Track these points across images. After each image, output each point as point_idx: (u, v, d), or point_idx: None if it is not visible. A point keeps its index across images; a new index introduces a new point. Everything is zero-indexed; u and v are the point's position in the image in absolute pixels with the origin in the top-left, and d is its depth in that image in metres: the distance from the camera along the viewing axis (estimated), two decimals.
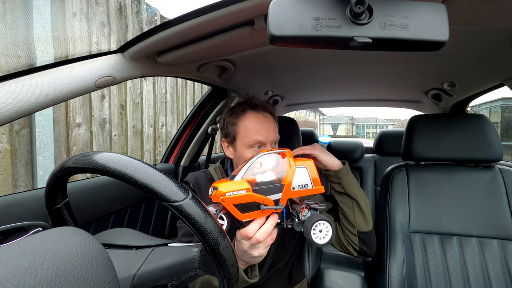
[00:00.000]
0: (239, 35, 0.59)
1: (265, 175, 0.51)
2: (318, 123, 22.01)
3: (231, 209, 0.48)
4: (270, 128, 0.74)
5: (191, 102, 2.64)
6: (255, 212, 0.50)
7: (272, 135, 0.74)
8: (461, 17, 0.57)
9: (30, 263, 0.22)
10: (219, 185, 0.48)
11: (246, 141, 0.72)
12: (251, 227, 0.50)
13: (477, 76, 1.03)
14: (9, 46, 1.08)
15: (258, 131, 0.72)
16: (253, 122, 0.73)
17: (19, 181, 1.31)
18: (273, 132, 0.75)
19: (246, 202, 0.48)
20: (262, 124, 0.73)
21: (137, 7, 1.88)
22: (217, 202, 0.48)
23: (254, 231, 0.50)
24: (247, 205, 0.49)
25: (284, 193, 0.52)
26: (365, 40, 0.32)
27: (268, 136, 0.73)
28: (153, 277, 0.35)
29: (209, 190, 0.49)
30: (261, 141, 0.72)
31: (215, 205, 0.50)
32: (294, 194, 0.53)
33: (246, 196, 0.48)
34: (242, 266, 0.57)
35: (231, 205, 0.47)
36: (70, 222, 0.43)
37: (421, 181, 0.93)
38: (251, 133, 0.72)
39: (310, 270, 0.92)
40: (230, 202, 0.47)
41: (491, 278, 0.80)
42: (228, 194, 0.47)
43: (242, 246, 0.52)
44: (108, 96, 1.77)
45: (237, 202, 0.48)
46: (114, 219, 0.98)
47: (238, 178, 0.49)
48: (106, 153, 0.33)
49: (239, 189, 0.47)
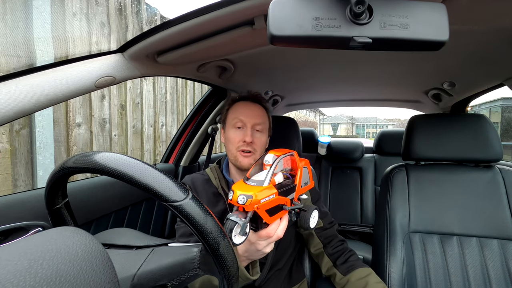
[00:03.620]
0: (239, 35, 0.59)
1: (278, 176, 0.54)
2: (318, 123, 22.02)
3: (263, 214, 0.48)
4: (255, 113, 0.79)
5: (191, 102, 2.64)
6: (279, 213, 0.52)
7: (255, 119, 0.78)
8: (461, 17, 0.56)
9: (30, 263, 0.22)
10: (252, 192, 0.46)
11: (230, 122, 0.80)
12: (272, 227, 0.51)
13: (477, 76, 1.03)
14: (9, 46, 1.08)
15: (242, 112, 0.79)
16: (240, 106, 0.81)
17: (19, 181, 1.31)
18: (256, 117, 0.79)
19: (274, 205, 0.49)
20: (247, 107, 0.80)
21: (137, 7, 1.88)
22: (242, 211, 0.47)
23: (275, 230, 0.52)
24: (274, 208, 0.50)
25: (296, 191, 0.55)
26: (365, 40, 0.32)
27: (249, 117, 0.78)
28: (153, 277, 0.35)
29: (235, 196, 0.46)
30: (242, 119, 0.78)
31: (241, 213, 0.47)
32: (301, 191, 0.57)
33: (275, 200, 0.49)
34: (243, 263, 0.58)
35: (263, 210, 0.47)
36: (70, 222, 0.43)
37: (421, 181, 0.93)
38: (235, 113, 0.79)
39: (310, 270, 0.92)
40: (263, 208, 0.47)
41: (491, 278, 0.80)
42: (262, 201, 0.46)
43: (257, 246, 0.53)
44: (108, 96, 1.77)
45: (268, 207, 0.48)
46: (114, 219, 0.98)
47: (266, 183, 0.48)
48: (106, 153, 0.33)
49: (270, 194, 0.48)
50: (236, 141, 0.77)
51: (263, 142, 0.80)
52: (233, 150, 0.77)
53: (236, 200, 0.46)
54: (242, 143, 0.76)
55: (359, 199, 2.01)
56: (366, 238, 1.86)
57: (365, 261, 0.80)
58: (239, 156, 0.76)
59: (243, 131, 0.77)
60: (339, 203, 2.03)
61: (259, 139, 0.78)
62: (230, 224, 0.45)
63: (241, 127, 0.78)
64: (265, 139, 0.81)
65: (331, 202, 2.05)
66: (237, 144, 0.77)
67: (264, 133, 0.81)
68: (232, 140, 0.78)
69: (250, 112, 0.79)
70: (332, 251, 0.80)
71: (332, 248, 0.81)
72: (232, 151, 0.78)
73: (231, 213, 0.47)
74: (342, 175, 2.10)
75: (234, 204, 0.46)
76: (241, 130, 0.78)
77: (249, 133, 0.76)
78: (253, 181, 0.49)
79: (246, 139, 0.75)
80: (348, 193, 2.04)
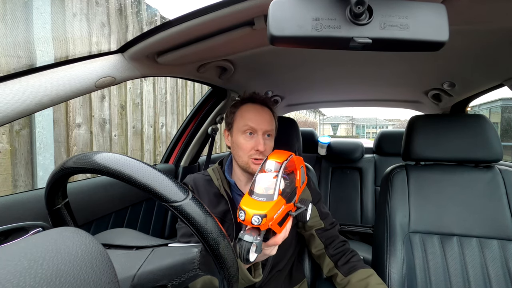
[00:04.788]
0: (239, 35, 0.59)
1: (282, 182, 0.52)
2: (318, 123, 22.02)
3: (275, 228, 0.47)
4: (265, 119, 0.77)
5: (191, 102, 2.64)
6: (286, 221, 0.51)
7: (266, 125, 0.76)
8: (461, 17, 0.57)
9: (30, 263, 0.22)
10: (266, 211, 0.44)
11: (240, 127, 0.76)
12: (280, 235, 0.51)
13: (477, 76, 1.03)
14: (9, 46, 1.08)
15: (251, 118, 0.76)
16: (249, 111, 0.78)
17: (19, 181, 1.31)
18: (267, 123, 0.77)
19: (283, 216, 0.49)
20: (257, 113, 0.77)
21: (137, 7, 1.88)
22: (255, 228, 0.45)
23: (282, 237, 0.52)
24: (283, 218, 0.50)
25: (297, 194, 0.55)
26: (365, 40, 0.32)
27: (261, 124, 0.75)
28: (153, 278, 0.35)
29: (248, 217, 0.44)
30: (253, 127, 0.75)
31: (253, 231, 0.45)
32: (300, 191, 0.57)
33: (284, 210, 0.48)
34: (246, 265, 0.58)
35: (275, 224, 0.47)
36: (70, 222, 0.43)
37: (421, 181, 0.93)
38: (245, 119, 0.76)
39: (310, 271, 0.92)
40: (275, 222, 0.46)
41: (491, 278, 0.80)
42: (275, 217, 0.46)
43: (264, 251, 0.53)
44: (108, 96, 1.77)
45: (279, 220, 0.48)
46: (114, 219, 0.98)
47: (276, 197, 0.47)
48: (106, 153, 0.33)
49: (280, 207, 0.47)
50: (248, 149, 0.75)
51: (272, 146, 0.79)
52: (244, 157, 0.76)
53: (250, 221, 0.44)
54: (255, 151, 0.74)
55: (359, 199, 2.01)
56: (366, 239, 1.86)
57: (365, 262, 0.80)
58: (251, 164, 0.75)
59: (254, 139, 0.75)
60: (339, 204, 2.03)
61: (269, 145, 0.77)
62: (245, 245, 0.43)
63: (252, 133, 0.76)
64: (273, 144, 0.80)
65: (331, 203, 2.05)
66: (249, 152, 0.75)
67: (273, 138, 0.80)
68: (243, 147, 0.75)
69: (261, 118, 0.76)
70: (334, 252, 0.80)
71: (333, 249, 0.81)
72: (243, 158, 0.76)
73: (243, 232, 0.45)
74: (342, 175, 2.10)
75: (248, 225, 0.44)
76: (252, 137, 0.75)
77: (261, 142, 0.74)
78: (261, 196, 0.47)
79: (260, 148, 0.73)
80: (348, 194, 2.04)
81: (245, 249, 0.43)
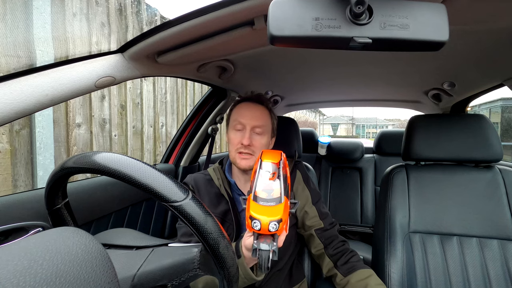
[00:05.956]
0: (239, 35, 0.59)
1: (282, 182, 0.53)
2: (318, 123, 22.01)
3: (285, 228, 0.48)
4: (255, 115, 0.79)
5: (191, 102, 2.64)
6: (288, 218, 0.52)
7: (254, 120, 0.78)
8: (461, 17, 0.56)
9: (30, 263, 0.22)
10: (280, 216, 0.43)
11: (231, 123, 0.81)
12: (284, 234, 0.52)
13: (477, 76, 1.03)
14: (9, 46, 1.08)
15: (241, 114, 0.79)
16: (241, 107, 0.81)
17: (19, 181, 1.31)
18: (256, 119, 0.78)
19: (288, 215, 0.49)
20: (247, 109, 0.80)
21: (137, 7, 1.88)
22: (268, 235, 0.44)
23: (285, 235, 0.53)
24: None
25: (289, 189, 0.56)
26: (365, 40, 0.32)
27: (249, 120, 0.78)
28: (153, 277, 0.35)
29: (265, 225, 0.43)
30: (242, 122, 0.77)
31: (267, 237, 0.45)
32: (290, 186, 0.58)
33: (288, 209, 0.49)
34: (249, 265, 0.59)
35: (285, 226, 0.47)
36: (70, 222, 0.43)
37: (421, 181, 0.93)
38: (236, 115, 0.80)
39: (310, 270, 0.92)
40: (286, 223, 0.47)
41: (491, 278, 0.80)
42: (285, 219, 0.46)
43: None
44: (108, 96, 1.77)
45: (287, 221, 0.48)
46: (114, 219, 0.98)
47: (283, 199, 0.47)
48: (106, 153, 0.33)
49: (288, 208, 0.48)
50: (235, 143, 0.77)
51: (263, 144, 0.79)
52: (232, 152, 0.78)
53: (267, 229, 0.43)
54: (240, 145, 0.76)
55: (359, 199, 2.01)
56: (366, 239, 1.86)
57: (365, 262, 0.80)
58: (237, 158, 0.77)
59: (242, 133, 0.77)
60: (339, 203, 2.03)
61: (259, 141, 0.78)
62: (265, 255, 0.43)
63: (241, 129, 0.78)
64: (265, 141, 0.80)
65: (331, 202, 2.05)
66: (236, 146, 0.77)
67: (264, 135, 0.80)
68: (232, 142, 0.78)
69: (250, 114, 0.78)
70: (333, 252, 0.80)
71: (333, 249, 0.81)
72: (232, 152, 0.78)
73: (257, 241, 0.44)
74: (342, 175, 2.10)
75: (265, 233, 0.43)
76: (240, 132, 0.78)
77: (247, 136, 0.76)
78: (269, 201, 0.46)
79: (244, 141, 0.75)
80: (348, 194, 2.04)
81: (265, 258, 0.42)
